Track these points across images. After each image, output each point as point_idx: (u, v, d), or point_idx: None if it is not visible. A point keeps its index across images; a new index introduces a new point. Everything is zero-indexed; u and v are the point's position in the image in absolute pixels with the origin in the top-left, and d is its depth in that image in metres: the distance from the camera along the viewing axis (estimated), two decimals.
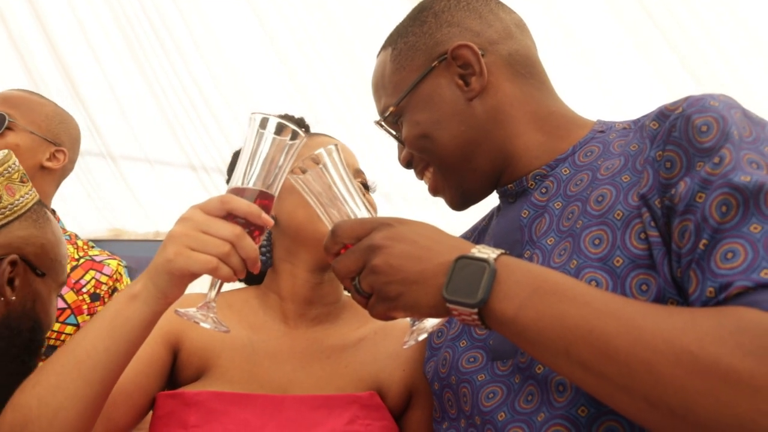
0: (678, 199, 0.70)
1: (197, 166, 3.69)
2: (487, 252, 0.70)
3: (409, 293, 0.72)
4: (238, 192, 0.83)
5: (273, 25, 3.32)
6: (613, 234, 0.76)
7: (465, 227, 1.11)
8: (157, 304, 0.83)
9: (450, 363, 0.92)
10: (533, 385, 0.79)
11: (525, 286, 0.68)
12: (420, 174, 1.01)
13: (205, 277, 0.84)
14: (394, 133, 1.01)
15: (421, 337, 0.81)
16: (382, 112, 1.01)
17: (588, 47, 2.87)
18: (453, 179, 0.96)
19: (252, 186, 0.83)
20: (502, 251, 0.71)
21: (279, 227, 1.10)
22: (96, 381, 0.83)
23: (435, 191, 1.00)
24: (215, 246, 0.79)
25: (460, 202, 0.99)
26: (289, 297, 1.10)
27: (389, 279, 0.73)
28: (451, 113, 0.93)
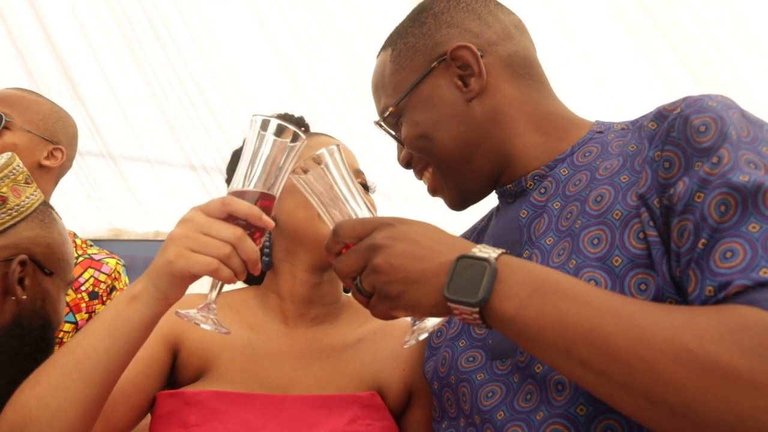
0: (677, 199, 0.71)
1: (197, 166, 3.69)
2: (488, 251, 0.70)
3: (411, 292, 0.73)
4: (239, 194, 0.83)
5: (273, 25, 3.32)
6: (612, 234, 0.77)
7: (464, 227, 1.11)
8: (158, 305, 0.83)
9: (449, 362, 0.92)
10: (532, 384, 0.79)
11: (525, 285, 0.68)
12: (419, 174, 1.01)
13: (205, 278, 0.84)
14: (393, 134, 1.01)
15: (422, 337, 0.81)
16: (381, 112, 1.01)
17: (588, 47, 2.87)
18: (452, 179, 0.97)
19: (253, 188, 0.83)
20: (502, 251, 0.71)
21: (278, 228, 1.10)
22: (96, 382, 0.83)
23: (434, 191, 1.01)
24: (216, 248, 0.79)
25: (459, 202, 0.99)
26: (289, 297, 1.10)
27: (390, 278, 0.73)
28: (451, 114, 0.93)
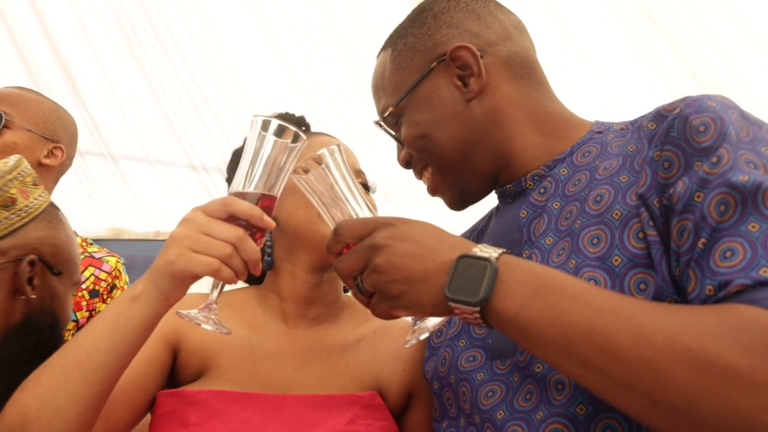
0: (676, 199, 0.71)
1: (197, 165, 3.69)
2: (489, 251, 0.70)
3: (411, 292, 0.73)
4: (240, 195, 0.83)
5: (273, 24, 3.32)
6: (612, 233, 0.77)
7: (464, 227, 1.11)
8: (159, 305, 0.83)
9: (449, 362, 0.92)
10: (532, 384, 0.80)
11: (526, 284, 0.68)
12: (419, 174, 1.01)
13: (206, 278, 0.84)
14: (393, 134, 1.01)
15: (423, 337, 0.81)
16: (381, 112, 1.01)
17: (588, 48, 2.87)
18: (451, 179, 0.97)
19: (254, 188, 0.83)
20: (503, 250, 0.71)
21: (279, 227, 1.10)
22: (96, 382, 0.83)
23: (434, 191, 1.01)
24: (217, 248, 0.79)
25: (458, 202, 0.99)
26: (289, 297, 1.10)
27: (391, 278, 0.73)
28: (450, 114, 0.93)
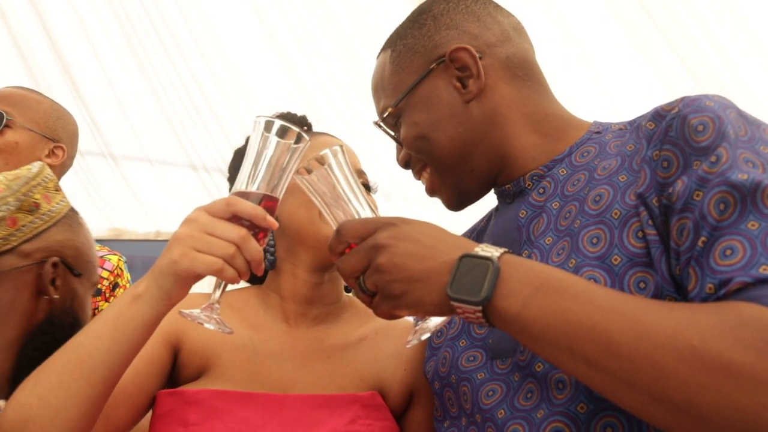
0: (675, 198, 0.71)
1: (198, 165, 3.69)
2: (491, 250, 0.71)
3: (414, 291, 0.73)
4: (243, 195, 0.83)
5: (273, 23, 3.32)
6: (611, 233, 0.77)
7: (464, 228, 1.12)
8: (161, 305, 0.83)
9: (450, 362, 0.92)
10: (533, 383, 0.80)
11: (528, 283, 0.68)
12: (417, 174, 1.02)
13: (207, 278, 0.84)
14: (392, 134, 1.02)
15: (425, 336, 0.81)
16: (381, 112, 1.02)
17: (588, 48, 2.87)
18: (450, 180, 0.97)
19: (257, 189, 0.83)
20: (505, 250, 0.72)
21: (279, 227, 1.10)
22: (98, 381, 0.83)
23: (432, 192, 1.01)
24: (220, 247, 0.79)
25: (456, 202, 1.00)
26: (290, 296, 1.10)
27: (393, 277, 0.74)
28: (449, 115, 0.94)
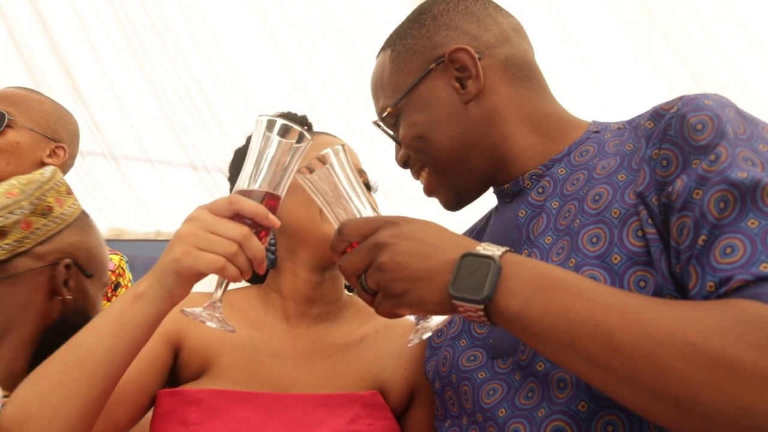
0: (675, 196, 0.71)
1: (198, 165, 3.69)
2: (492, 249, 0.71)
3: (415, 290, 0.73)
4: (245, 194, 0.83)
5: (273, 23, 3.32)
6: (611, 232, 0.77)
7: (463, 226, 1.12)
8: (163, 303, 0.83)
9: (450, 362, 0.92)
10: (534, 382, 0.80)
11: (530, 282, 0.68)
12: (416, 174, 1.02)
13: (207, 278, 0.84)
14: (391, 134, 1.02)
15: (426, 335, 0.81)
16: (380, 112, 1.02)
17: (588, 49, 2.87)
18: (448, 180, 0.97)
19: (258, 188, 0.83)
20: (507, 248, 0.72)
21: (280, 227, 1.11)
22: (98, 380, 0.83)
23: (430, 192, 1.01)
24: (223, 246, 0.79)
25: (454, 202, 1.00)
26: (291, 296, 1.10)
27: (395, 276, 0.74)
28: (448, 115, 0.94)
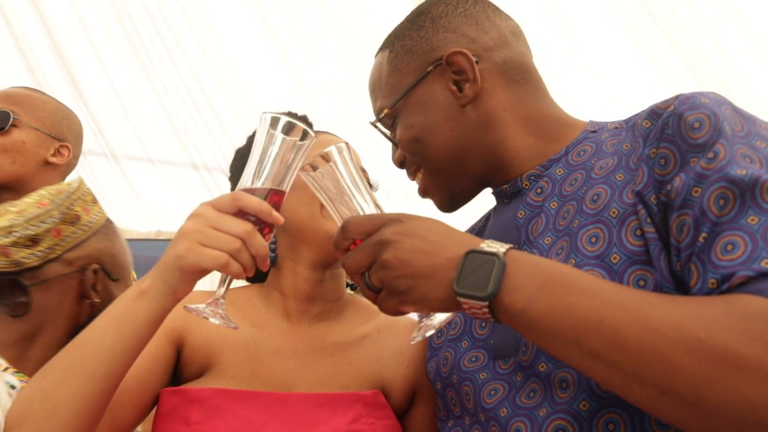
0: (674, 195, 0.71)
1: (199, 165, 3.69)
2: (496, 246, 0.71)
3: (419, 287, 0.73)
4: (248, 191, 0.83)
5: (274, 22, 3.32)
6: (609, 232, 0.77)
7: (464, 224, 1.11)
8: (166, 300, 0.83)
9: (451, 363, 0.92)
10: (536, 383, 0.80)
11: (534, 278, 0.68)
12: (412, 175, 1.02)
13: (208, 277, 0.84)
14: (388, 134, 1.02)
15: (429, 333, 0.81)
16: (377, 113, 1.02)
17: (590, 49, 2.87)
18: (443, 182, 0.97)
19: (262, 185, 0.83)
20: (510, 245, 0.72)
21: (281, 225, 1.11)
22: (99, 378, 0.83)
23: (424, 193, 1.02)
24: (226, 242, 0.79)
25: (449, 204, 1.00)
26: (291, 294, 1.10)
27: (399, 273, 0.74)
28: (444, 118, 0.94)
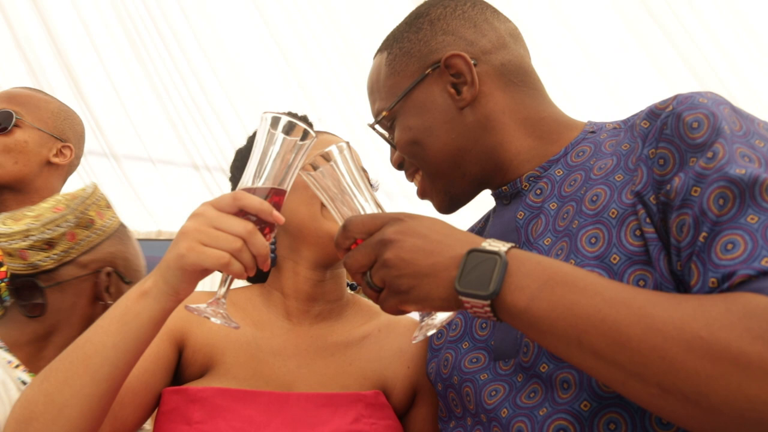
0: (674, 195, 0.71)
1: (200, 165, 3.69)
2: (498, 245, 0.71)
3: (421, 286, 0.73)
4: (249, 191, 0.83)
5: (275, 22, 3.32)
6: (609, 232, 0.77)
7: (464, 224, 1.11)
8: (168, 300, 0.83)
9: (452, 364, 0.92)
10: (537, 383, 0.80)
11: (536, 277, 0.68)
12: (411, 177, 1.02)
13: (210, 277, 0.84)
14: (387, 136, 1.02)
15: (430, 333, 0.81)
16: (375, 115, 1.02)
17: (591, 48, 2.87)
18: (441, 184, 0.98)
19: (262, 185, 0.83)
20: (512, 244, 0.72)
21: (281, 225, 1.11)
22: (102, 378, 0.82)
23: (423, 195, 1.02)
24: (227, 242, 0.79)
25: (447, 206, 1.00)
26: (292, 294, 1.10)
27: (401, 272, 0.74)
28: (442, 121, 0.94)
